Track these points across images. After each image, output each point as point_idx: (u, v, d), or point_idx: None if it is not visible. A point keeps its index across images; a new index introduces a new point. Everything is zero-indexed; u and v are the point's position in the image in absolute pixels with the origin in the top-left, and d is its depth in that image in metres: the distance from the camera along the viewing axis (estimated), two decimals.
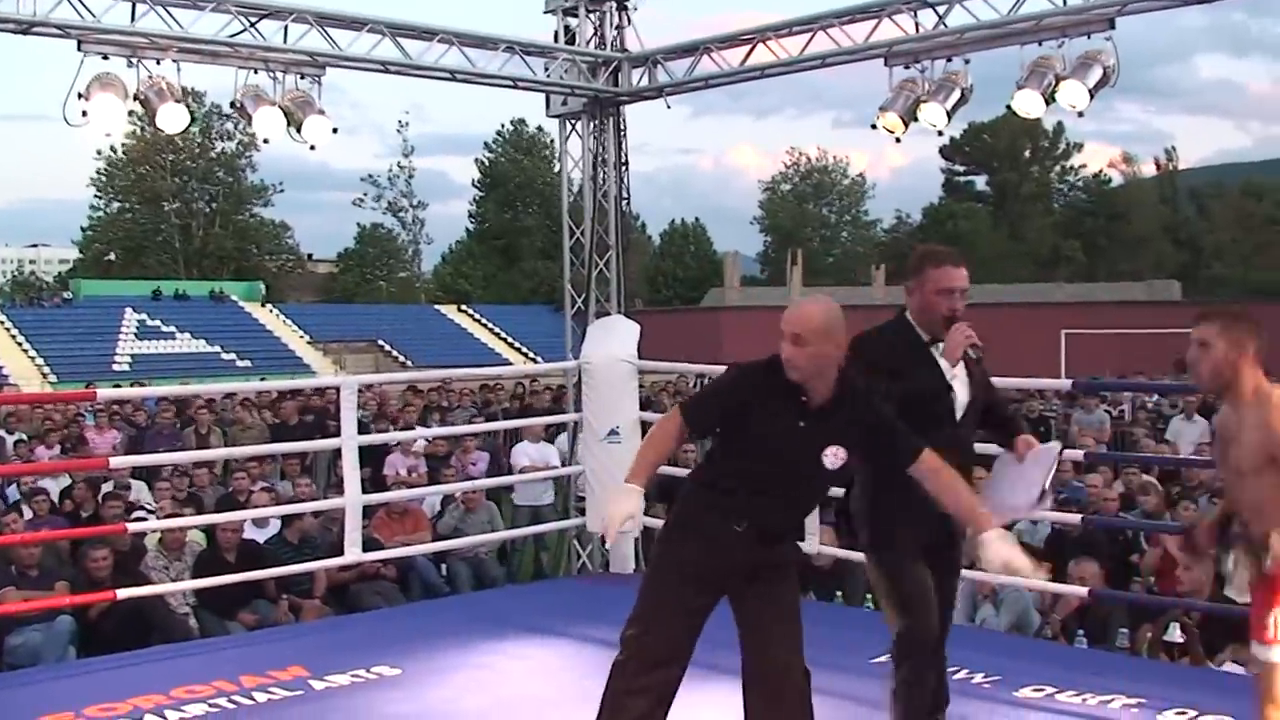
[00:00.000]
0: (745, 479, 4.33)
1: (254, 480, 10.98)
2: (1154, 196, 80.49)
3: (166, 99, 8.17)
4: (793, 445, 4.29)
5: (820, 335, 4.23)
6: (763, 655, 4.44)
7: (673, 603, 4.35)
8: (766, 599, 4.44)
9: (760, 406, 4.29)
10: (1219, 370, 4.15)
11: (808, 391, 4.28)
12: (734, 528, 4.31)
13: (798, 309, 4.36)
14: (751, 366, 4.45)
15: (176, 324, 51.07)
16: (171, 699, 6.21)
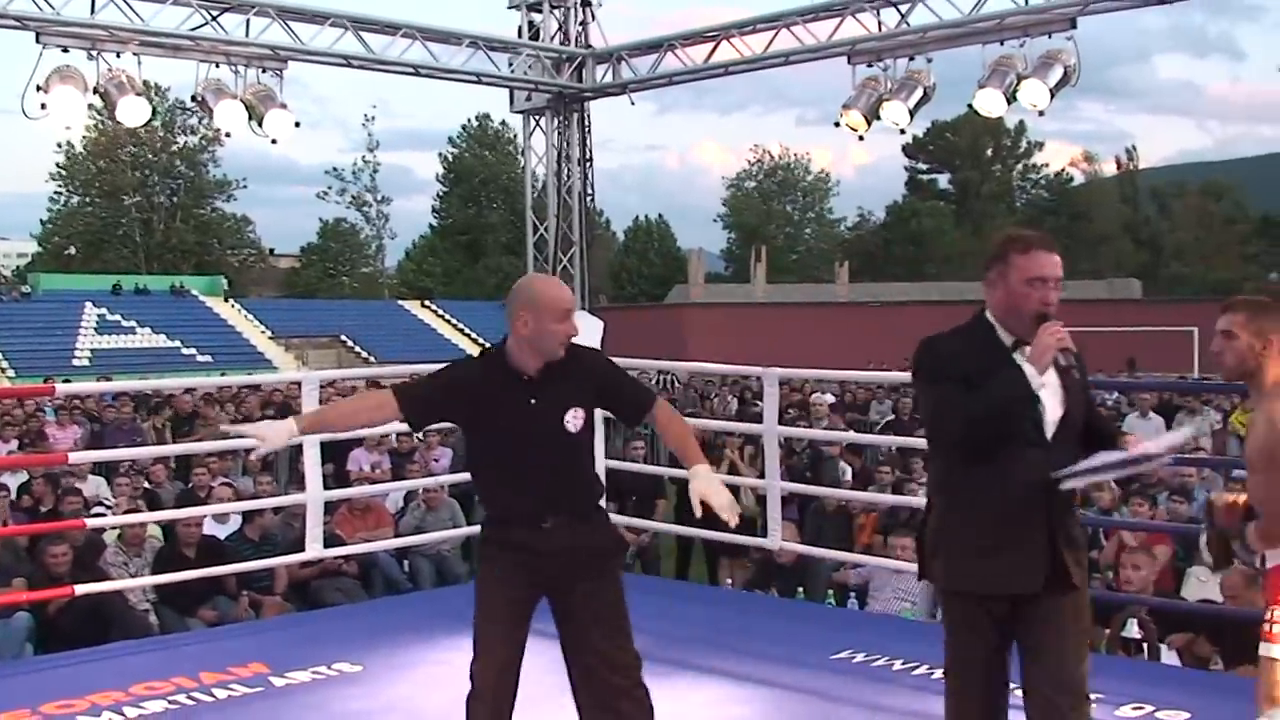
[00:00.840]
0: (502, 471, 4.34)
1: (215, 476, 10.92)
2: (1115, 196, 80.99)
3: (127, 92, 8.15)
4: (532, 423, 4.28)
5: (516, 303, 4.31)
6: (588, 648, 4.36)
7: (498, 620, 4.31)
8: (587, 595, 4.36)
9: (485, 394, 4.29)
10: (1243, 359, 4.15)
11: (522, 368, 4.29)
12: (540, 525, 4.30)
13: (568, 288, 4.42)
14: (465, 362, 4.55)
15: (137, 319, 50.63)
16: (131, 696, 6.16)
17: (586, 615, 4.36)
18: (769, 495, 8.32)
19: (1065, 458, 3.91)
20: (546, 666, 4.49)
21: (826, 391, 19.12)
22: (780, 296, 58.53)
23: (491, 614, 4.31)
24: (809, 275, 73.44)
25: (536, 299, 4.25)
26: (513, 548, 4.32)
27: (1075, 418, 4.02)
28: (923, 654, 6.70)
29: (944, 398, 3.95)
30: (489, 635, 4.30)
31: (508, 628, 4.31)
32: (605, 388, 4.44)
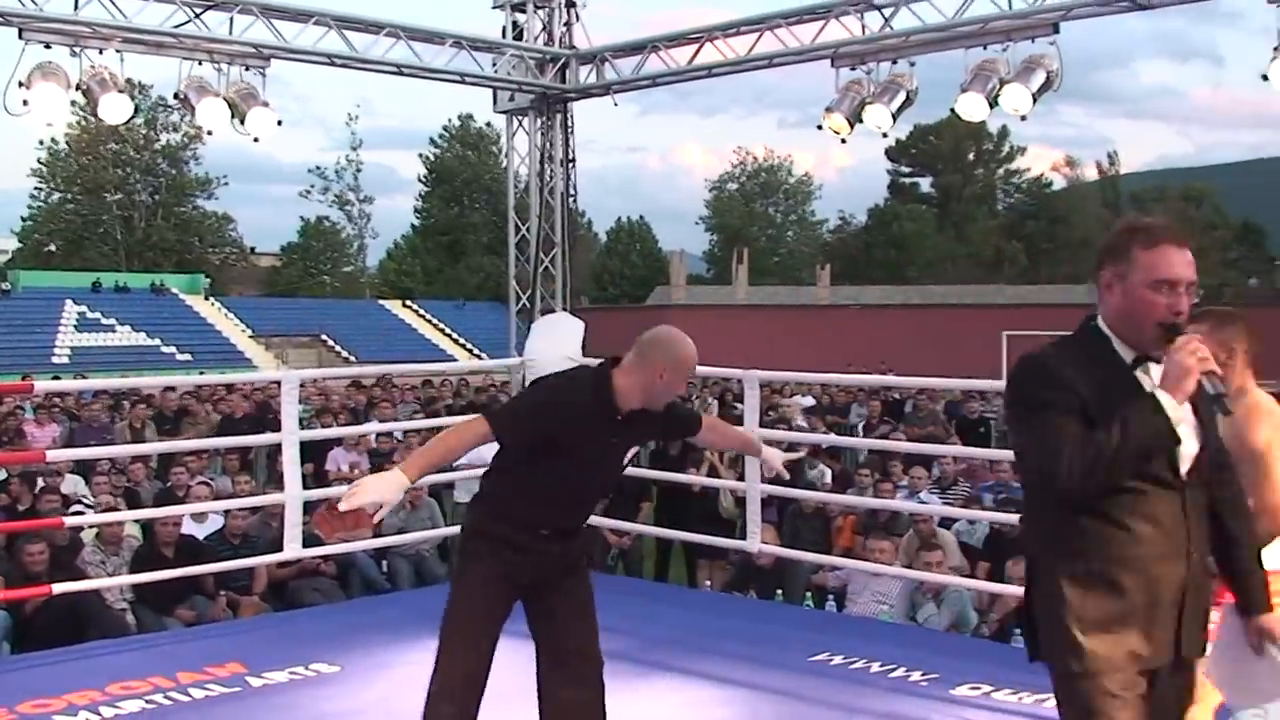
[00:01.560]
0: (551, 491, 4.36)
1: (193, 475, 10.88)
2: (1096, 200, 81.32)
3: (109, 89, 8.11)
4: (604, 458, 4.43)
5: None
6: (560, 647, 4.44)
7: (481, 619, 4.34)
8: (563, 595, 4.46)
9: (578, 427, 4.28)
10: None
11: (621, 408, 4.34)
12: (540, 533, 4.37)
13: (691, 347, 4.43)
14: (569, 387, 4.50)
15: (117, 316, 50.44)
16: (107, 695, 6.15)
17: (566, 612, 4.46)
18: (748, 497, 8.33)
19: (1199, 502, 3.21)
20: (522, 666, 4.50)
21: (806, 394, 19.16)
22: (762, 299, 58.62)
23: (473, 614, 4.34)
24: (790, 278, 73.52)
25: (682, 360, 4.33)
26: (512, 549, 4.36)
27: (1214, 459, 3.30)
28: (899, 656, 6.73)
29: (1057, 433, 3.10)
30: (467, 635, 4.32)
31: (488, 629, 4.34)
32: (665, 423, 4.61)
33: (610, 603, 8.24)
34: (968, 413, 16.68)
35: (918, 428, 15.02)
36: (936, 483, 11.15)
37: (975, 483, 11.16)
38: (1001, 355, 36.71)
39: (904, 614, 8.31)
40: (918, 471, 10.91)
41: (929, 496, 10.53)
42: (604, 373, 4.38)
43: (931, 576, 8.08)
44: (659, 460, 11.91)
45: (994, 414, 17.43)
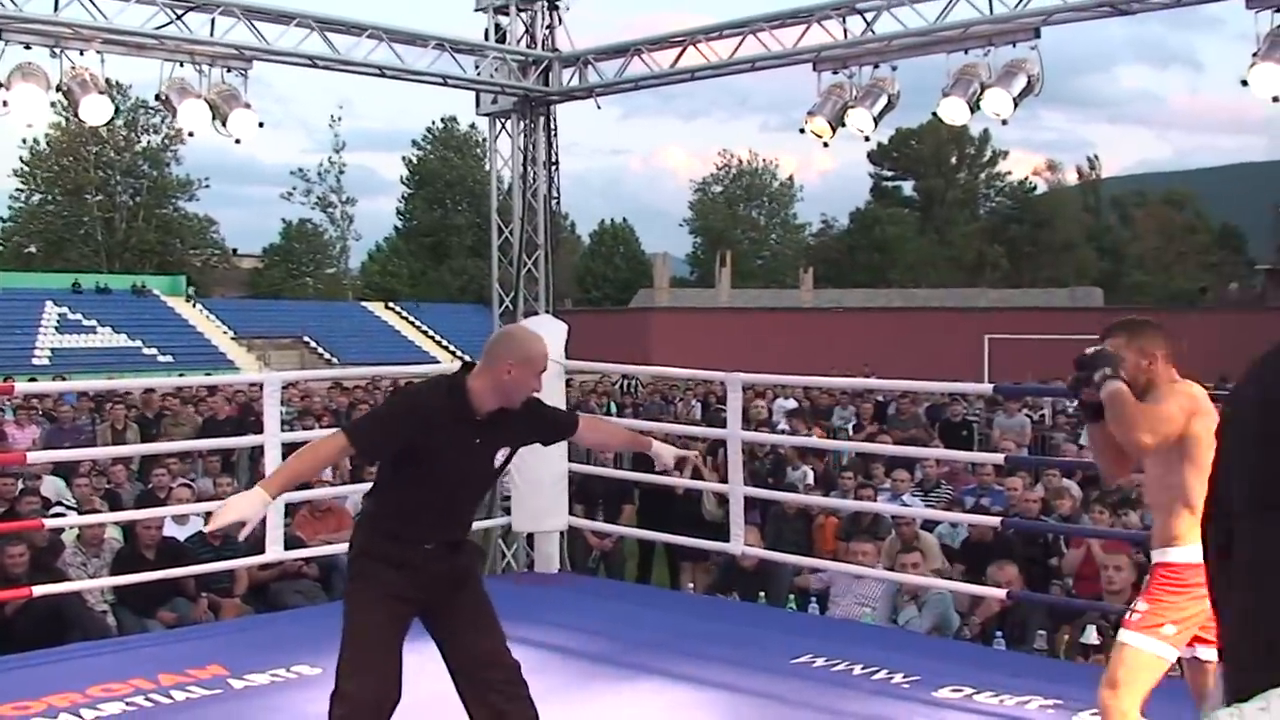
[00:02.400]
0: (426, 501, 4.37)
1: (175, 477, 10.85)
2: (1077, 204, 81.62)
3: (90, 90, 8.07)
4: (469, 462, 4.42)
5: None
6: (470, 658, 4.44)
7: (382, 639, 4.32)
8: (461, 607, 4.47)
9: (439, 433, 4.29)
10: (1133, 378, 4.27)
11: (478, 409, 4.35)
12: (424, 547, 4.37)
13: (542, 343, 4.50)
14: (423, 392, 4.54)
15: (98, 318, 50.27)
16: (88, 698, 6.14)
17: (463, 622, 4.46)
18: (732, 499, 8.35)
19: None
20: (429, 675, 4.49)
21: (789, 397, 19.18)
22: (745, 302, 58.69)
23: (370, 637, 4.31)
24: (774, 281, 73.60)
25: (530, 357, 4.36)
26: (397, 568, 4.34)
27: None
28: (882, 659, 6.75)
29: None
30: (368, 658, 4.30)
31: (388, 650, 4.32)
32: (534, 424, 4.63)
33: (592, 605, 8.28)
34: (951, 416, 16.72)
35: (900, 430, 15.06)
36: (919, 485, 11.18)
37: (957, 486, 11.20)
38: (983, 359, 36.83)
39: (886, 616, 8.33)
40: (900, 474, 10.94)
41: (911, 499, 10.55)
42: (458, 376, 4.41)
43: (914, 579, 8.10)
44: (642, 462, 11.92)
45: (976, 417, 17.49)
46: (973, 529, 9.03)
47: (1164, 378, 4.35)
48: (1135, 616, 4.28)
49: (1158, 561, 4.33)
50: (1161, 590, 4.26)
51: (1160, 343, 4.39)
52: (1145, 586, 4.37)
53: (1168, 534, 4.30)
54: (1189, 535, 4.18)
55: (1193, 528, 4.11)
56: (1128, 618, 4.32)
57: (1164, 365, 4.36)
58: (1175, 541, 4.26)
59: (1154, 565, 4.35)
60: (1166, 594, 4.24)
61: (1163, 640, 4.22)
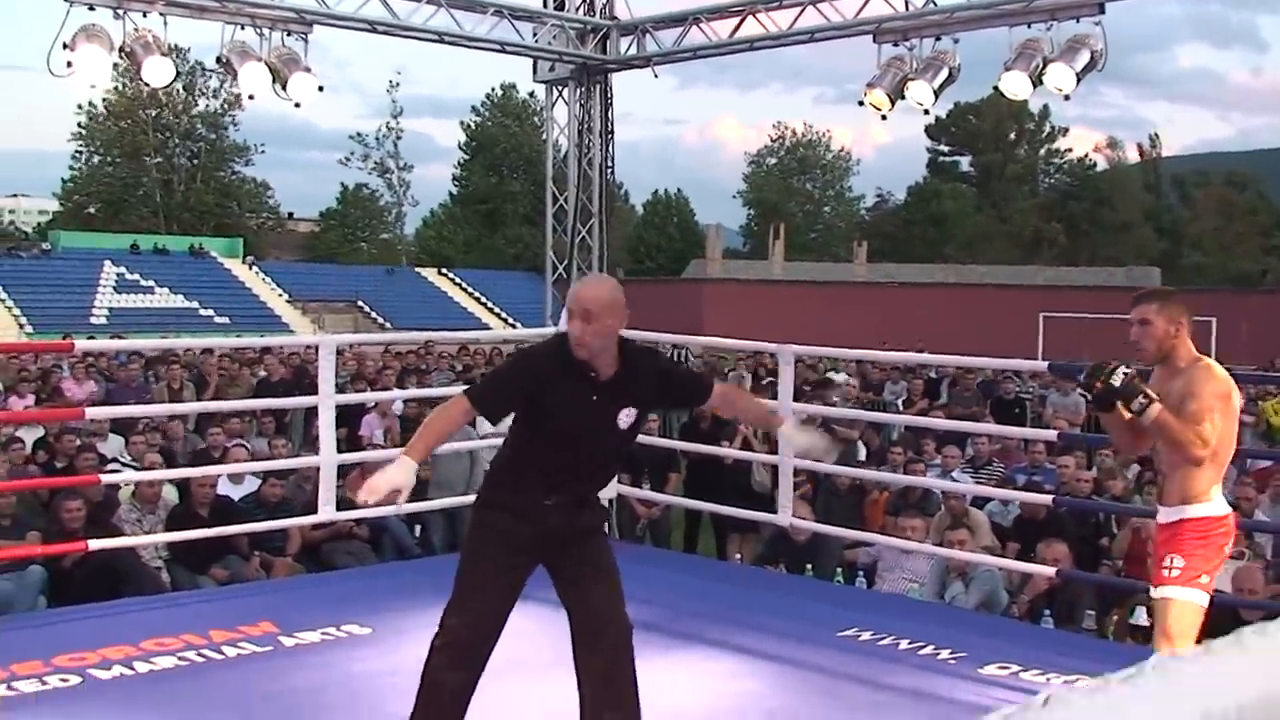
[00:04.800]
0: (550, 457, 4.45)
1: (230, 437, 10.96)
2: (1138, 183, 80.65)
3: (152, 52, 8.14)
4: (590, 419, 4.42)
5: (607, 310, 4.36)
6: (585, 612, 4.52)
7: (489, 583, 4.43)
8: (582, 562, 4.54)
9: (553, 389, 4.38)
10: (1160, 344, 4.63)
11: (595, 367, 4.39)
12: (544, 502, 4.43)
13: (586, 286, 4.55)
14: (537, 351, 4.63)
15: (156, 278, 50.75)
16: (141, 650, 6.22)
17: (589, 577, 4.54)
18: (781, 472, 8.35)
19: None
20: (555, 633, 4.54)
21: (841, 370, 19.10)
22: (798, 274, 58.48)
23: (483, 581, 4.44)
24: (827, 254, 73.28)
25: (569, 306, 4.44)
26: (517, 518, 4.44)
27: None
28: (928, 634, 6.74)
29: None
30: (476, 594, 4.43)
31: (497, 590, 4.43)
32: (662, 388, 4.65)
33: (639, 573, 8.27)
34: (1003, 393, 16.60)
35: (961, 407, 14.96)
36: (970, 462, 11.12)
37: (1009, 463, 11.13)
38: (1038, 336, 36.53)
39: (934, 593, 8.31)
40: (951, 450, 10.88)
41: (961, 476, 10.50)
42: (563, 335, 4.48)
43: (962, 555, 8.08)
44: (689, 433, 11.93)
45: (1029, 394, 17.36)
46: (1024, 507, 8.98)
47: (1185, 349, 4.65)
48: (1174, 573, 4.53)
49: (1182, 518, 4.59)
50: (1193, 544, 4.55)
51: (1185, 313, 4.68)
52: (1172, 542, 4.60)
53: (1188, 491, 4.58)
54: (1208, 492, 4.57)
55: (1211, 485, 4.57)
56: (1165, 575, 4.56)
57: (1186, 335, 4.65)
58: (1197, 498, 4.58)
59: (1178, 521, 4.60)
60: (1197, 547, 4.54)
61: (1202, 590, 4.54)
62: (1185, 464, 4.55)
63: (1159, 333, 4.61)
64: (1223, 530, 4.59)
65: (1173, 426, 4.47)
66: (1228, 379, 4.60)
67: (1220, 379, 4.56)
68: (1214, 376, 4.56)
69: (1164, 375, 4.71)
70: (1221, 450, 4.57)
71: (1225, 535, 4.60)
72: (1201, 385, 4.53)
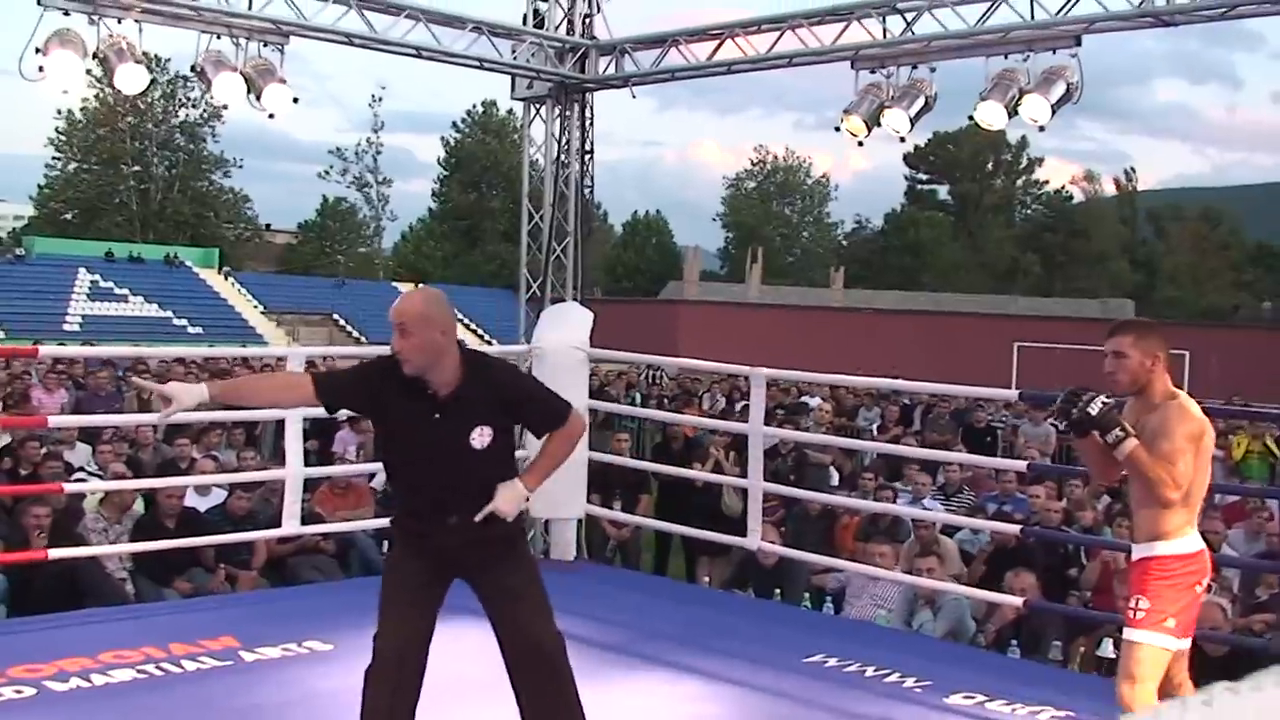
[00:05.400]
0: (415, 477, 4.42)
1: (201, 448, 10.87)
2: (1113, 216, 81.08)
3: (126, 59, 8.09)
4: (434, 439, 4.30)
5: (422, 322, 4.25)
6: (509, 632, 4.46)
7: (400, 598, 4.42)
8: (498, 581, 4.47)
9: (394, 406, 4.34)
10: (1135, 377, 4.58)
11: (430, 384, 4.28)
12: (446, 521, 4.37)
13: (400, 300, 4.39)
14: (376, 363, 4.54)
15: (130, 286, 50.50)
16: (99, 663, 6.15)
17: (505, 596, 4.46)
18: (750, 495, 8.33)
19: None
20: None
21: (814, 396, 19.12)
22: (774, 298, 58.55)
23: (395, 595, 4.44)
24: (805, 278, 73.42)
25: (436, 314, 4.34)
26: (418, 536, 4.44)
27: None
28: (895, 662, 6.71)
29: None
30: (390, 614, 4.42)
31: (410, 608, 4.41)
32: (512, 403, 4.45)
33: (607, 595, 8.26)
34: (975, 422, 16.64)
35: (937, 434, 14.98)
36: (941, 490, 11.13)
37: (979, 492, 11.14)
38: (1012, 366, 36.65)
39: (902, 619, 8.29)
40: (922, 478, 10.88)
41: (932, 503, 10.50)
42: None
43: (930, 583, 8.06)
44: (661, 454, 11.91)
45: (1001, 424, 17.39)
46: (993, 535, 8.98)
47: (1161, 383, 4.60)
48: (1140, 615, 4.49)
49: (1149, 555, 4.55)
50: (1159, 585, 4.50)
51: (1163, 346, 4.62)
52: (1139, 582, 4.56)
53: (1156, 529, 4.53)
54: (1178, 530, 4.50)
55: (1183, 523, 4.50)
56: (1132, 616, 4.52)
57: (1162, 369, 4.60)
58: (1165, 536, 4.52)
59: (1145, 559, 4.56)
60: (1163, 588, 4.49)
61: (1167, 633, 4.47)
62: (1155, 502, 4.50)
63: (1133, 365, 4.56)
64: (1193, 569, 4.52)
65: (1146, 464, 4.44)
66: (1202, 418, 4.54)
67: (1194, 418, 4.51)
68: (1187, 416, 4.51)
69: (1139, 408, 4.66)
70: (1194, 490, 4.52)
71: (1196, 574, 4.53)
72: (1174, 424, 4.48)
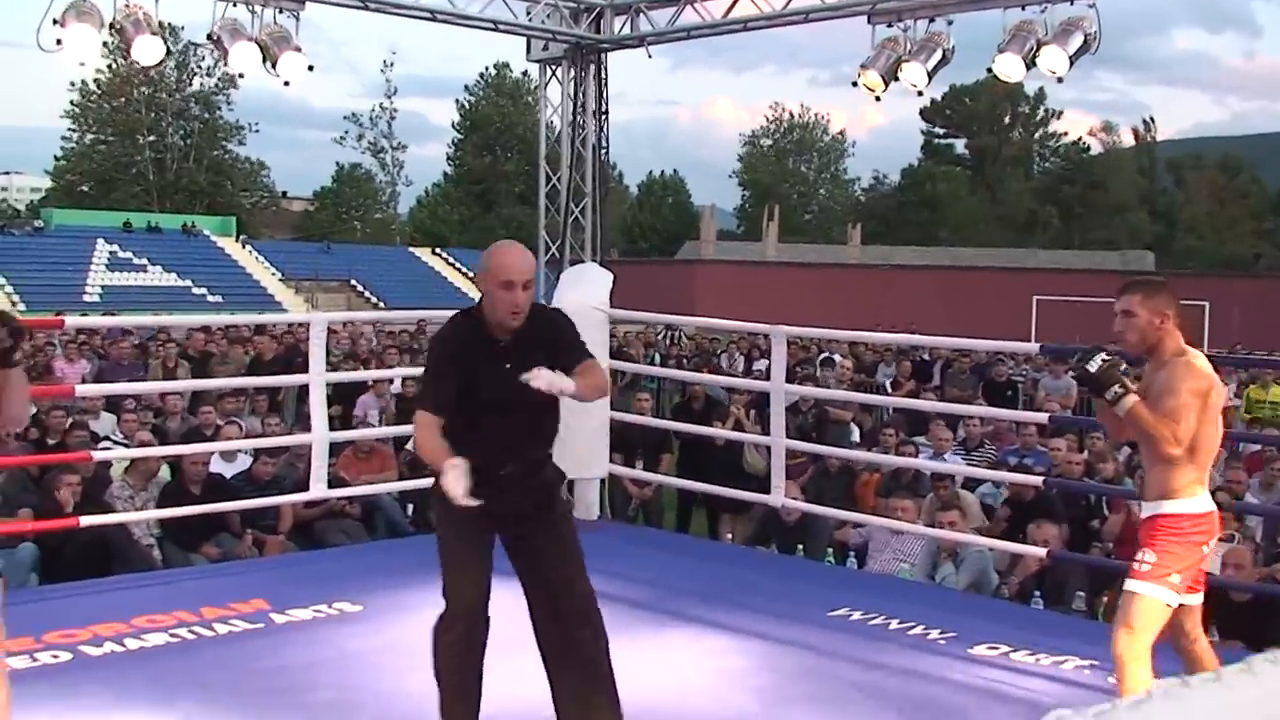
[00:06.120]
0: (483, 427, 4.50)
1: (225, 415, 10.95)
2: (1132, 166, 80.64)
3: (143, 30, 8.11)
4: (509, 385, 4.37)
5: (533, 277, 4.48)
6: (545, 583, 4.59)
7: (463, 549, 4.52)
8: (542, 532, 4.61)
9: (471, 363, 4.49)
10: (1144, 335, 4.59)
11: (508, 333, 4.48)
12: (500, 471, 4.47)
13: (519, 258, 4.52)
14: (444, 334, 4.68)
15: (149, 256, 50.64)
16: (132, 628, 6.23)
17: (540, 548, 4.60)
18: (773, 452, 8.36)
19: None
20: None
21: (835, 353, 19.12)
22: (792, 256, 58.43)
23: (456, 548, 4.54)
24: (822, 235, 73.24)
25: (488, 268, 4.47)
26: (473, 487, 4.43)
27: None
28: (918, 614, 6.75)
29: None
30: (455, 568, 4.53)
31: (473, 560, 4.53)
32: (560, 344, 4.58)
33: (631, 553, 8.32)
34: (995, 376, 16.62)
35: (957, 389, 14.98)
36: (962, 444, 11.14)
37: (1001, 446, 11.15)
38: (1032, 320, 36.56)
39: (924, 573, 8.33)
40: (943, 433, 10.89)
41: (953, 458, 10.51)
42: (466, 311, 4.63)
43: (952, 535, 8.09)
44: (681, 413, 11.94)
45: (1021, 377, 17.38)
46: (1014, 488, 9.00)
47: (1171, 341, 4.58)
48: (1145, 567, 4.51)
49: (1157, 513, 4.56)
50: (1166, 541, 4.51)
51: (1172, 304, 4.60)
52: (1147, 538, 4.58)
53: (1166, 487, 4.54)
54: (1187, 488, 4.51)
55: (1192, 482, 4.50)
56: (1137, 569, 4.54)
57: (1173, 327, 4.58)
58: (1174, 494, 4.52)
59: (1154, 516, 4.58)
60: (1171, 544, 4.50)
61: (1170, 589, 4.49)
62: (1161, 460, 4.52)
63: (1142, 324, 4.57)
64: (1201, 529, 4.54)
65: (1146, 420, 4.47)
66: (1209, 375, 4.54)
67: (1200, 375, 4.51)
68: (1193, 373, 4.50)
69: (1151, 365, 4.69)
70: (1202, 447, 4.52)
71: (1204, 533, 4.55)
72: (1179, 381, 4.48)
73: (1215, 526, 4.63)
